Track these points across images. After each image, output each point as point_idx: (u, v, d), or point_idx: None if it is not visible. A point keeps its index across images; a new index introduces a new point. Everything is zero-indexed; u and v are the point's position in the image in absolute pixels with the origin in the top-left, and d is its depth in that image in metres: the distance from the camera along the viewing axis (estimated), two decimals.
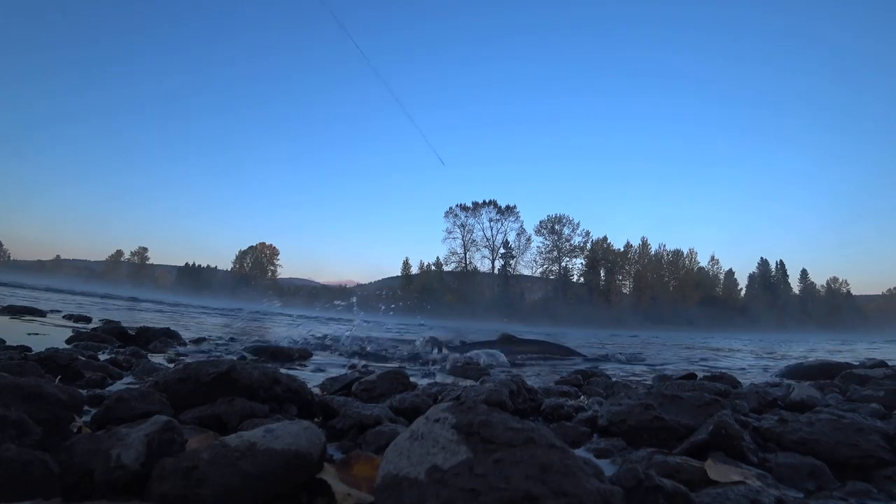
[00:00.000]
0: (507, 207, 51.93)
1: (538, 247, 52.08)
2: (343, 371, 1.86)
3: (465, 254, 52.15)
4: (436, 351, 3.12)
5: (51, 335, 2.39)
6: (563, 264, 51.48)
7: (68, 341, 2.09)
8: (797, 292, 52.25)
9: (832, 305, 49.92)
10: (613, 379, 1.89)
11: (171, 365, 1.71)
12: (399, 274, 54.57)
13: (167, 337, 2.43)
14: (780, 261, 52.75)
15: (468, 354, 3.23)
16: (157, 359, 1.86)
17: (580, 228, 51.39)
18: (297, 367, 1.92)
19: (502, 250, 51.90)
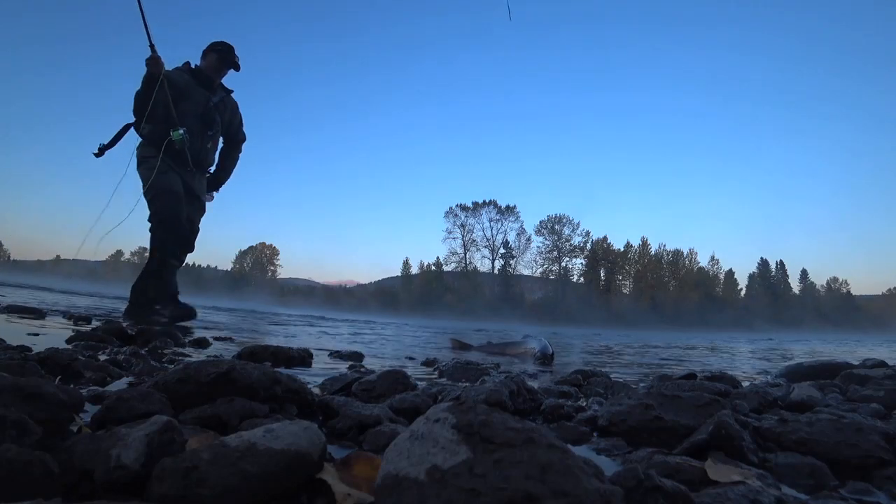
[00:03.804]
0: (507, 207, 52.04)
1: (538, 247, 52.21)
2: (343, 371, 1.86)
3: (465, 254, 52.24)
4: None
5: (51, 335, 2.38)
6: (563, 264, 51.54)
7: (68, 341, 2.09)
8: (797, 292, 52.28)
9: (832, 305, 49.94)
10: (613, 378, 1.89)
11: (171, 365, 1.71)
12: (399, 274, 54.63)
13: (167, 337, 2.43)
14: (780, 261, 52.84)
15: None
16: (157, 359, 1.86)
17: (580, 228, 51.50)
18: (297, 368, 1.92)
19: (502, 250, 51.99)
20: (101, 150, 4.18)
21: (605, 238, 51.72)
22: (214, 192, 4.87)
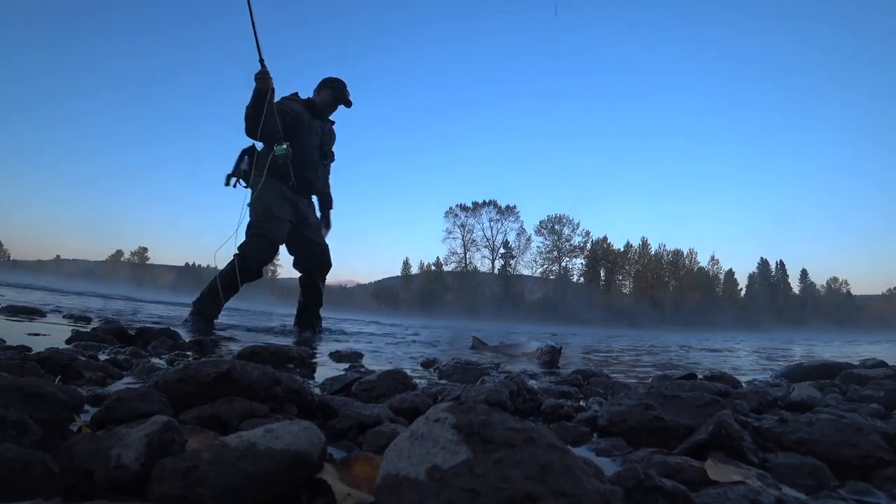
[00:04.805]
0: (507, 207, 52.08)
1: (538, 247, 52.25)
2: (342, 371, 1.86)
3: (465, 254, 52.27)
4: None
5: (51, 335, 2.38)
6: (563, 264, 51.59)
7: (68, 341, 2.09)
8: (797, 292, 52.31)
9: (832, 305, 49.96)
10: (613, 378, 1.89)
11: (172, 365, 1.71)
12: (399, 274, 54.68)
13: (167, 337, 2.43)
14: (780, 261, 52.90)
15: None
16: (157, 359, 1.86)
17: (580, 228, 51.55)
18: (297, 368, 1.92)
19: (502, 250, 52.02)
20: (228, 179, 4.14)
21: (605, 238, 51.80)
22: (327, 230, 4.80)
